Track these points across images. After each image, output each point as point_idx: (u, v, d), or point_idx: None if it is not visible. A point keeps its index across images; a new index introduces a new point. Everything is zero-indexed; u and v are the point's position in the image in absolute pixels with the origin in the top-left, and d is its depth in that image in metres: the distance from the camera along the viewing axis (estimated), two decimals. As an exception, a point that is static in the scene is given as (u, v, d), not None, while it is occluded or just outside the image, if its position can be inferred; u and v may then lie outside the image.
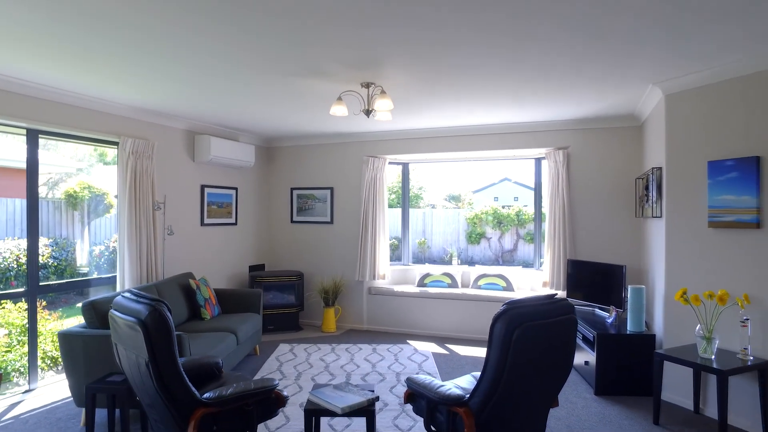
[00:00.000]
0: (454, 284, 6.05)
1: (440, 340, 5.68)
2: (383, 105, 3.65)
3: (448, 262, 6.98)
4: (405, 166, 6.58)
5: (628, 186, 5.09)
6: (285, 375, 4.39)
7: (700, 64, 3.31)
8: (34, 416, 3.50)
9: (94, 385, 3.05)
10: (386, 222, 6.27)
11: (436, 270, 6.25)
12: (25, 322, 4.29)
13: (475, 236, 7.47)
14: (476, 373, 2.97)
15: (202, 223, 5.65)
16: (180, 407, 2.40)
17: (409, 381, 2.79)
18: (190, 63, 3.31)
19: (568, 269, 5.13)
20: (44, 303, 4.79)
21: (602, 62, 3.27)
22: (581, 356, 4.37)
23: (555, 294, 2.61)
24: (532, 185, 6.09)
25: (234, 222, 6.17)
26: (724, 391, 2.95)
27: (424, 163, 6.57)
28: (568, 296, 5.00)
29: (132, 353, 2.44)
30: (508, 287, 5.79)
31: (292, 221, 6.68)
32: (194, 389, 2.46)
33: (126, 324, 2.41)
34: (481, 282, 5.96)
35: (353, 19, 2.57)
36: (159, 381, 2.33)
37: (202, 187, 5.64)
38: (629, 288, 4.05)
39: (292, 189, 6.68)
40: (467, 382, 2.91)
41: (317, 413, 2.69)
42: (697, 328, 3.27)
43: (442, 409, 2.58)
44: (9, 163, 6.35)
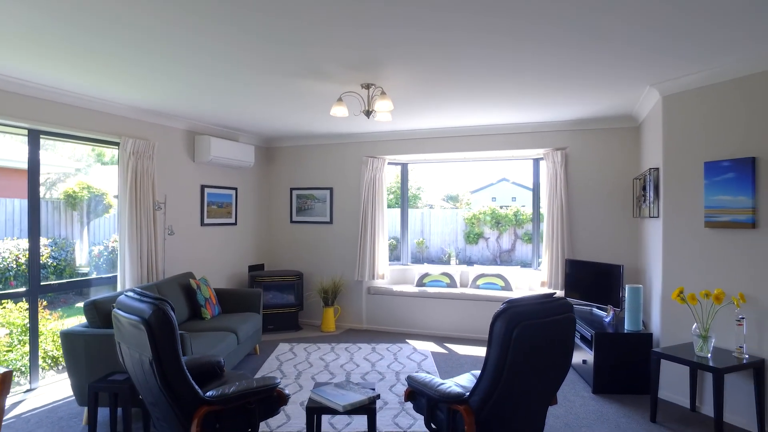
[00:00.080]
0: (452, 284, 6.08)
1: (439, 339, 5.71)
2: (383, 106, 3.67)
3: (446, 262, 7.01)
4: (404, 166, 6.61)
5: (625, 186, 5.13)
6: (285, 374, 4.41)
7: (697, 65, 3.35)
8: (35, 415, 3.51)
9: (97, 384, 3.07)
10: (385, 222, 6.29)
11: (435, 270, 6.28)
12: (26, 321, 4.30)
13: (473, 236, 7.50)
14: (476, 372, 3.00)
15: (202, 223, 5.66)
16: (183, 405, 2.42)
17: (410, 379, 2.82)
18: (190, 63, 3.32)
19: (566, 269, 5.16)
20: (45, 303, 4.80)
21: (600, 64, 3.31)
22: (579, 355, 4.41)
23: (554, 293, 2.64)
24: (530, 185, 6.12)
25: (234, 222, 6.19)
26: (720, 389, 2.99)
27: (422, 163, 6.60)
28: (566, 296, 5.03)
29: (135, 352, 2.46)
30: (507, 287, 5.82)
31: (292, 221, 6.71)
32: (197, 387, 2.48)
33: (130, 323, 2.43)
34: (479, 282, 5.99)
35: (353, 20, 2.59)
36: (162, 379, 2.36)
37: (202, 187, 5.66)
38: (627, 287, 4.08)
39: (291, 189, 6.70)
40: (467, 380, 2.94)
41: (319, 411, 2.72)
42: (694, 326, 3.31)
43: (442, 407, 2.61)
44: (8, 164, 6.35)
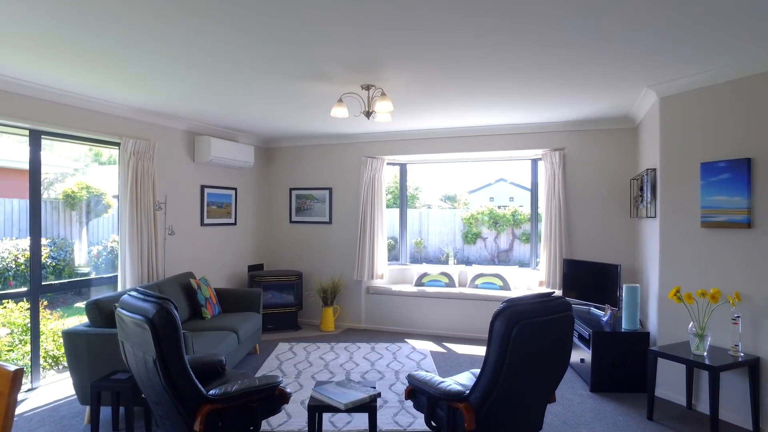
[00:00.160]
0: (451, 284, 6.11)
1: (438, 338, 5.74)
2: (383, 107, 3.70)
3: (444, 262, 7.05)
4: (403, 166, 6.64)
5: (623, 187, 5.17)
6: (285, 373, 4.44)
7: (694, 67, 3.39)
8: (37, 414, 3.53)
9: (99, 383, 3.09)
10: (384, 222, 6.32)
11: (433, 269, 6.31)
12: (26, 321, 4.32)
13: (471, 236, 7.53)
14: (475, 370, 3.03)
15: (202, 223, 5.68)
16: (186, 403, 2.45)
17: (410, 377, 2.85)
18: (190, 63, 3.33)
19: (564, 269, 5.20)
20: (45, 303, 4.82)
21: (598, 65, 3.34)
22: (577, 354, 4.44)
23: (552, 292, 2.67)
24: (528, 186, 6.16)
25: (233, 222, 6.21)
26: (715, 387, 3.03)
27: (421, 163, 6.63)
28: (564, 295, 5.06)
29: (139, 351, 2.49)
30: (505, 286, 5.86)
31: (291, 221, 6.73)
32: (200, 386, 2.51)
33: (133, 322, 2.45)
34: (478, 281, 6.03)
35: (354, 20, 2.60)
36: (166, 377, 2.38)
37: (202, 188, 5.68)
38: (624, 287, 4.12)
39: (290, 189, 6.73)
40: (466, 378, 2.97)
41: (320, 409, 2.75)
42: (690, 325, 3.35)
43: (442, 405, 2.64)
44: (6, 164, 6.35)
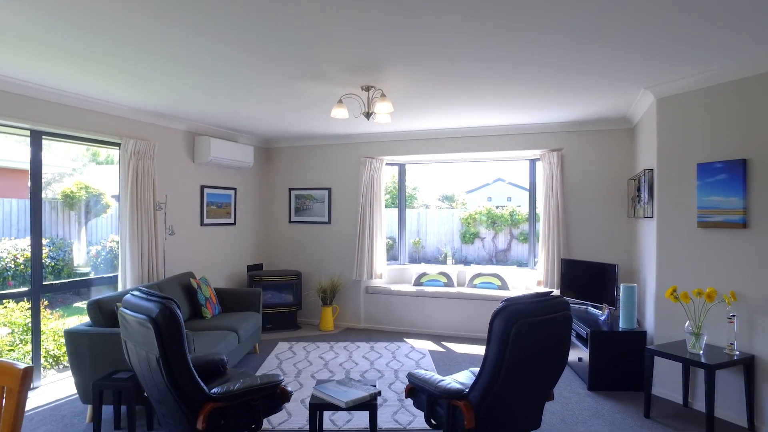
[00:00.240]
0: (450, 283, 6.14)
1: (437, 338, 5.77)
2: (383, 108, 3.72)
3: (442, 262, 7.08)
4: (401, 167, 6.67)
5: (620, 187, 5.21)
6: (285, 372, 4.46)
7: (690, 69, 3.42)
8: (39, 413, 3.55)
9: (101, 382, 3.12)
10: (383, 222, 6.35)
11: (432, 269, 6.34)
12: (27, 321, 4.33)
13: (469, 236, 7.57)
14: (474, 369, 3.06)
15: (201, 223, 5.70)
16: (189, 402, 2.47)
17: (410, 376, 2.88)
18: (190, 63, 3.33)
19: (561, 268, 5.24)
20: (46, 303, 4.83)
21: (596, 66, 3.37)
22: (575, 353, 4.48)
23: (551, 291, 2.71)
24: (526, 186, 6.20)
25: (233, 222, 6.23)
26: (711, 385, 3.07)
27: (419, 164, 6.66)
28: (562, 295, 5.11)
29: (142, 350, 2.51)
30: (503, 286, 5.89)
31: (290, 221, 6.75)
32: (203, 384, 2.53)
33: (137, 321, 2.48)
34: (476, 281, 6.06)
35: (354, 21, 2.60)
36: (169, 376, 2.41)
37: (202, 188, 5.70)
38: (621, 286, 4.16)
39: (290, 189, 6.75)
40: (466, 377, 3.01)
41: (322, 407, 2.77)
42: (686, 324, 3.39)
43: (442, 403, 2.67)
44: (4, 164, 6.36)
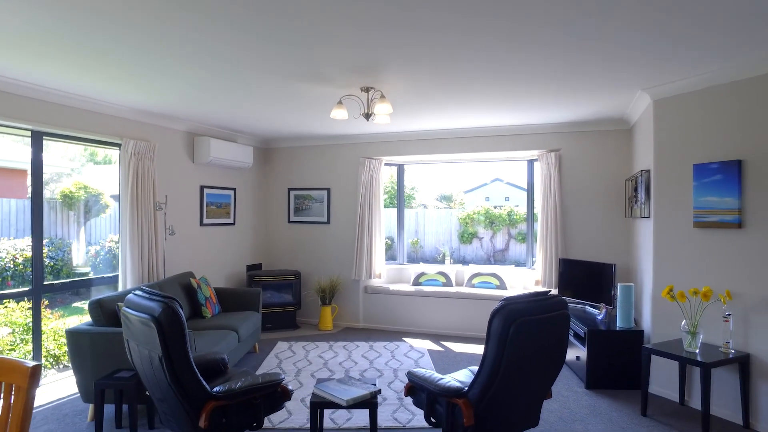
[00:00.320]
0: (448, 283, 6.17)
1: (435, 337, 5.80)
2: (383, 109, 3.75)
3: (440, 262, 7.11)
4: (400, 167, 6.70)
5: (617, 187, 5.25)
6: (285, 372, 4.48)
7: (687, 71, 3.46)
8: (40, 413, 3.56)
9: (103, 381, 3.14)
10: (382, 222, 6.37)
11: (431, 269, 6.38)
12: (28, 321, 4.34)
13: (467, 236, 7.59)
14: (473, 368, 3.09)
15: (201, 224, 5.72)
16: (192, 400, 2.50)
17: (410, 374, 2.91)
18: (191, 63, 3.33)
19: (559, 268, 5.27)
20: (46, 302, 4.85)
21: (594, 68, 3.40)
22: (572, 352, 4.52)
23: (549, 291, 2.74)
24: (524, 185, 6.23)
25: (232, 222, 6.25)
26: (707, 383, 3.10)
27: (418, 164, 6.69)
28: (560, 294, 5.14)
29: (145, 349, 2.53)
30: (502, 286, 5.93)
31: (290, 221, 6.77)
32: (205, 383, 2.56)
33: (139, 321, 2.50)
34: (475, 281, 6.09)
35: (354, 21, 2.61)
36: (172, 375, 2.43)
37: (202, 188, 5.72)
38: (618, 286, 4.20)
39: (289, 189, 6.77)
40: (465, 375, 3.04)
41: (322, 405, 2.80)
42: (683, 323, 3.43)
43: (441, 401, 2.70)
44: (3, 164, 6.36)
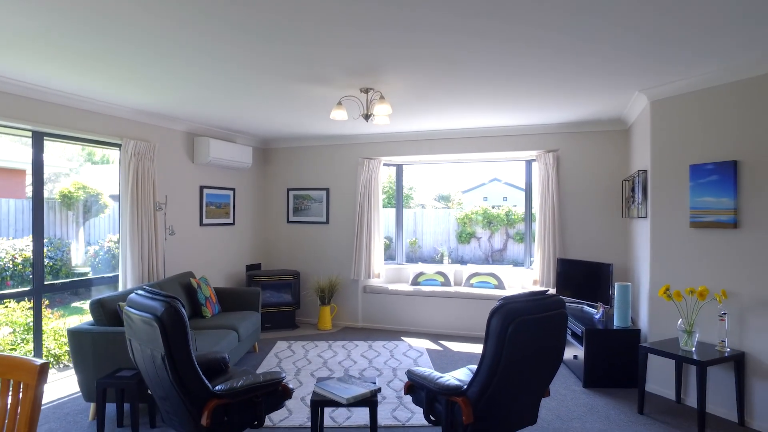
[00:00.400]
0: (447, 283, 6.21)
1: (434, 336, 5.83)
2: (382, 110, 3.78)
3: (439, 262, 7.14)
4: (399, 167, 6.72)
5: (615, 188, 5.29)
6: (285, 371, 4.51)
7: (683, 72, 3.50)
8: (42, 411, 3.57)
9: (105, 380, 3.16)
10: (381, 222, 6.40)
11: (429, 269, 6.41)
12: (28, 320, 4.36)
13: (465, 236, 7.62)
14: (472, 366, 3.12)
15: (201, 224, 5.74)
16: (194, 399, 2.52)
17: (410, 373, 2.93)
18: (190, 63, 3.33)
19: (557, 268, 5.31)
20: (46, 302, 4.86)
21: (592, 69, 3.44)
22: (570, 351, 4.55)
23: (547, 290, 2.77)
24: (522, 185, 6.27)
25: (232, 222, 6.27)
26: (703, 381, 3.14)
27: (416, 164, 6.72)
28: (557, 294, 5.17)
29: (147, 348, 2.56)
30: (500, 285, 5.96)
31: (289, 221, 6.80)
32: (207, 381, 2.58)
33: (142, 320, 2.52)
34: (473, 280, 6.13)
35: (354, 22, 2.62)
36: (174, 374, 2.45)
37: (201, 188, 5.73)
38: (616, 285, 4.24)
39: (288, 190, 6.79)
40: (464, 374, 3.07)
41: (323, 404, 2.83)
42: (679, 322, 3.46)
43: (441, 399, 2.73)
44: (2, 164, 6.37)
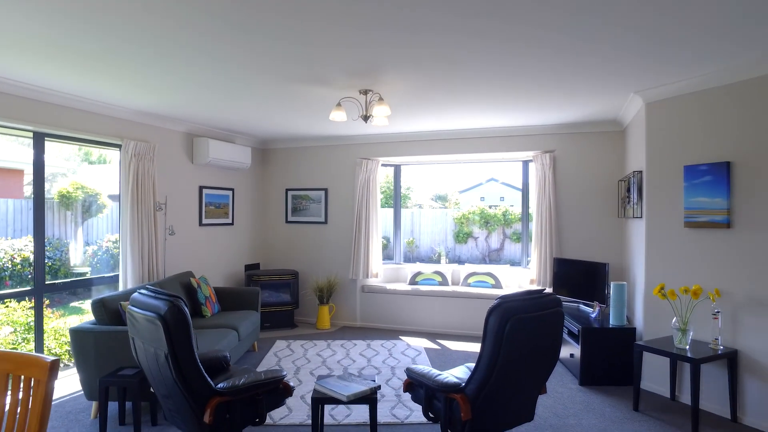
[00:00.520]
0: (444, 282, 6.25)
1: (432, 335, 5.88)
2: (381, 111, 3.82)
3: (436, 261, 7.18)
4: (397, 167, 6.77)
5: (611, 188, 5.35)
6: (284, 370, 4.54)
7: (677, 75, 3.56)
8: (43, 410, 3.61)
9: (107, 379, 3.19)
10: (379, 222, 6.44)
11: (427, 268, 6.45)
12: (29, 320, 4.39)
13: (462, 236, 7.66)
14: (470, 364, 3.16)
15: (200, 224, 5.77)
16: (196, 397, 2.56)
17: (409, 371, 2.98)
18: (190, 64, 3.35)
19: (554, 267, 5.37)
20: (47, 302, 4.88)
21: (589, 70, 3.48)
22: (567, 349, 4.61)
23: (543, 289, 2.82)
24: (518, 186, 6.32)
25: (231, 222, 6.30)
26: (696, 379, 3.20)
27: (414, 164, 6.76)
28: (554, 292, 5.22)
29: (150, 346, 2.59)
30: (497, 285, 6.01)
31: (287, 221, 6.83)
32: (210, 379, 2.62)
33: (145, 319, 2.56)
34: (470, 280, 6.18)
35: (354, 22, 2.64)
36: (177, 372, 2.49)
37: (201, 188, 5.76)
38: (612, 284, 4.29)
39: (287, 190, 6.83)
40: (462, 372, 3.11)
41: (324, 401, 2.87)
42: (674, 320, 3.52)
43: (440, 396, 2.77)
44: (2, 164, 6.38)
